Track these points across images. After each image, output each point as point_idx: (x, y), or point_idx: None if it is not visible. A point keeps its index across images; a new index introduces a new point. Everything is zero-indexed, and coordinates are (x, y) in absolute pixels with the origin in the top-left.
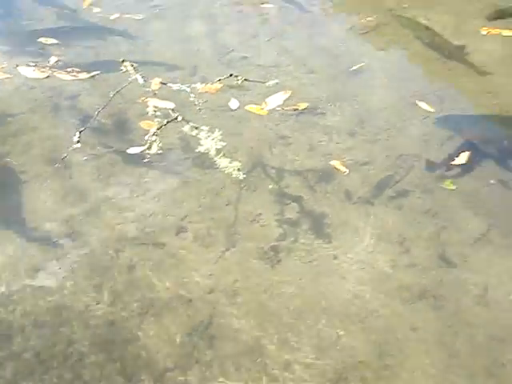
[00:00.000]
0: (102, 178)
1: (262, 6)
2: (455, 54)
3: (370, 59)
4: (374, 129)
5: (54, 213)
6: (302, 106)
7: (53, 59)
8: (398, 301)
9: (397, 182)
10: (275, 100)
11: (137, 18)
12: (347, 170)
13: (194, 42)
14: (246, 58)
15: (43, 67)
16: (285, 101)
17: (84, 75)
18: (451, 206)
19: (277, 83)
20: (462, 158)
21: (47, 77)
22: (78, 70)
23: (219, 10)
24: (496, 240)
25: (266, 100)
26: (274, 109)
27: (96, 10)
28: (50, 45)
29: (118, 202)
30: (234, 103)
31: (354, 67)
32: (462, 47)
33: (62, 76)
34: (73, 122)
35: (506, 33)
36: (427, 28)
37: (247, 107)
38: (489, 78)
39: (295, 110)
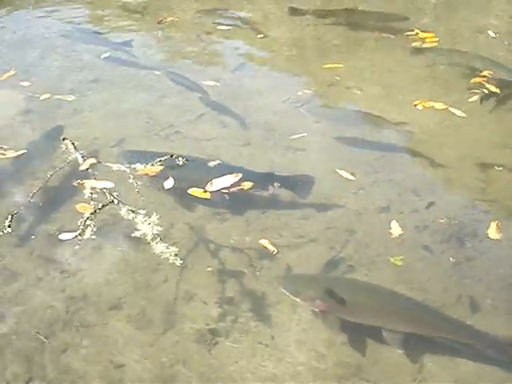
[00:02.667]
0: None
1: None
2: None
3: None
4: None
5: None
6: (247, 185)
7: None
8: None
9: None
10: (222, 182)
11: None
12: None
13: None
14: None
15: None
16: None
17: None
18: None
19: (219, 163)
20: None
21: None
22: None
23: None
24: None
25: (213, 181)
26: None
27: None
28: None
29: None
30: (170, 183)
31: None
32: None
33: None
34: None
35: (438, 106)
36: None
37: (190, 191)
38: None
39: (240, 190)
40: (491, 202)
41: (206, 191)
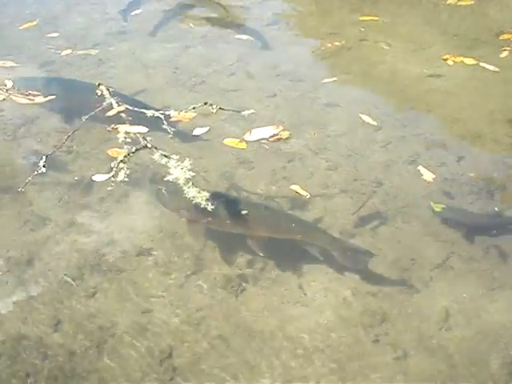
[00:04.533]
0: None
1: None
2: None
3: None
4: None
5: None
6: (284, 135)
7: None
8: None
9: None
10: (261, 132)
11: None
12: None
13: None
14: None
15: None
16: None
17: (40, 99)
18: None
19: (252, 113)
20: None
21: (3, 99)
22: (35, 93)
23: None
24: None
25: (252, 131)
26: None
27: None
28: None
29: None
30: (203, 131)
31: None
32: None
33: (19, 99)
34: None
35: (468, 61)
36: None
37: (225, 141)
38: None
39: (278, 140)
40: None
41: (242, 141)
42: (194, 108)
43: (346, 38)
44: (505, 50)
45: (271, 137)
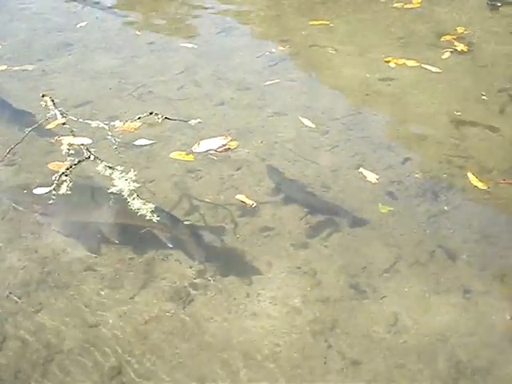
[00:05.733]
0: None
1: None
2: None
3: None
4: None
5: None
6: (233, 145)
7: None
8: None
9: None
10: (209, 144)
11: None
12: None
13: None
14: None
15: None
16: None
17: None
18: None
19: (199, 122)
20: None
21: None
22: None
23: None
24: None
25: (200, 142)
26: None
27: None
28: None
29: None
30: (149, 141)
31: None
32: None
33: None
34: None
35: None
36: None
37: (172, 154)
38: None
39: (227, 150)
40: (466, 158)
41: (189, 154)
42: (139, 118)
43: (295, 44)
44: (446, 51)
45: (220, 147)
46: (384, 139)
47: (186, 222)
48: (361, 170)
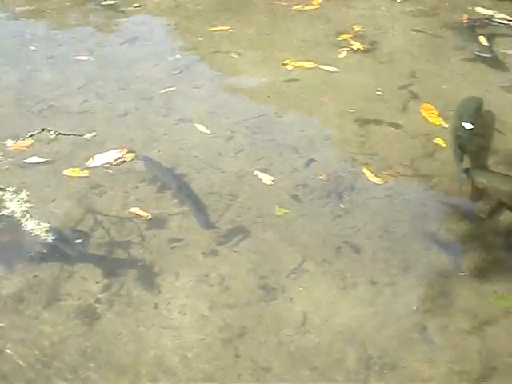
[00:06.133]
0: None
1: None
2: None
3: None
4: None
5: None
6: (129, 157)
7: None
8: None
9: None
10: (104, 157)
11: None
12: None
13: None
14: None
15: None
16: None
17: None
18: None
19: (94, 135)
20: None
21: None
22: None
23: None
24: None
25: (95, 157)
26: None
27: None
28: None
29: None
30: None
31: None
32: None
33: None
34: None
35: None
36: None
37: (65, 171)
38: None
39: (123, 162)
40: (370, 155)
41: (83, 170)
42: (31, 135)
43: (198, 51)
44: (343, 50)
45: (115, 160)
46: (289, 141)
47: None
48: (256, 173)
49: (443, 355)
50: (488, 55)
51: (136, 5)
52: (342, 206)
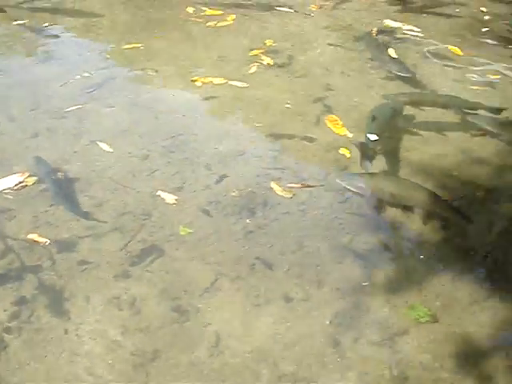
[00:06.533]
0: None
1: None
2: None
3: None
4: None
5: None
6: (31, 181)
7: None
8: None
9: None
10: (4, 182)
11: None
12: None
13: None
14: None
15: None
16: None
17: None
18: None
19: None
20: None
21: None
22: None
23: None
24: None
25: None
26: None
27: None
28: None
29: None
30: None
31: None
32: None
33: None
34: None
35: (217, 81)
36: None
37: None
38: None
39: (24, 187)
40: (282, 169)
41: None
42: None
43: (113, 68)
44: (253, 65)
45: (16, 185)
46: (203, 158)
47: None
48: (158, 192)
49: (355, 369)
50: (402, 73)
51: (46, 24)
52: (247, 221)
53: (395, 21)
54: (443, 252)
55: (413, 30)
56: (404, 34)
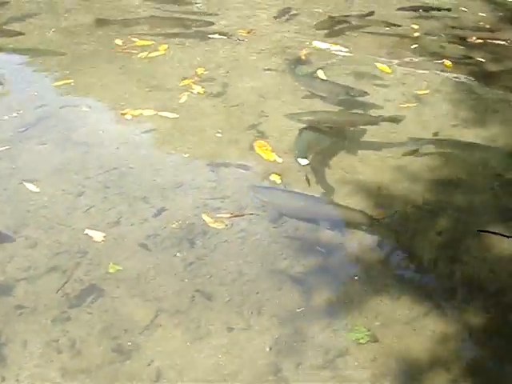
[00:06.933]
0: None
1: None
2: None
3: None
4: None
5: None
6: None
7: None
8: None
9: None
10: None
11: None
12: None
13: None
14: None
15: None
16: None
17: None
18: None
19: None
20: None
21: None
22: None
23: None
24: None
25: None
26: None
27: None
28: None
29: None
30: None
31: None
32: None
33: None
34: None
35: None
36: None
37: None
38: None
39: None
40: (222, 198)
41: None
42: None
43: (46, 106)
44: (184, 94)
45: None
46: (140, 192)
47: None
48: (86, 231)
49: None
50: (330, 95)
51: None
52: (178, 254)
53: (323, 41)
54: (380, 271)
55: (341, 51)
56: (333, 54)
